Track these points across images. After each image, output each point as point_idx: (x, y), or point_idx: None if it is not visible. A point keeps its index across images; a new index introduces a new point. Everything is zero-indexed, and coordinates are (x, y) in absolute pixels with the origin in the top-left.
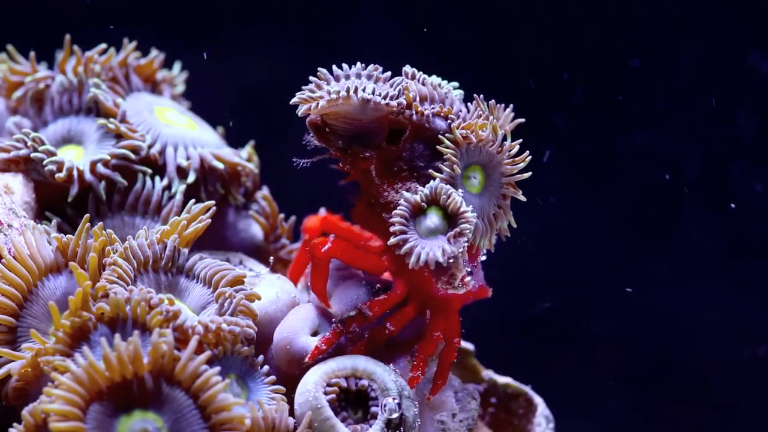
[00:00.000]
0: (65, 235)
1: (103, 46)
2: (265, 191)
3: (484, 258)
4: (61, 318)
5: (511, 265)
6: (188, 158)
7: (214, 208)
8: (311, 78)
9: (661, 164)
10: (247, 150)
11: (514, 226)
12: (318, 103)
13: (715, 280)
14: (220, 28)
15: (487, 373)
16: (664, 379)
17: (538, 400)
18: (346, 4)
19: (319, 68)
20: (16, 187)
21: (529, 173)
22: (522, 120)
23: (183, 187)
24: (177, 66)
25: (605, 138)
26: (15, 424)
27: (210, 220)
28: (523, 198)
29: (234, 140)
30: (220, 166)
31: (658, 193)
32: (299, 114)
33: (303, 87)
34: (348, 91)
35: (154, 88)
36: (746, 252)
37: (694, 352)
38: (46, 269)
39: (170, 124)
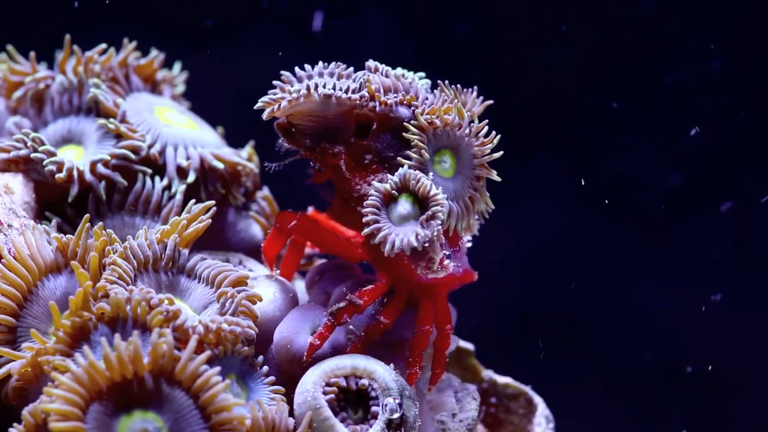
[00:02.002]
0: (65, 235)
1: (103, 46)
2: (265, 191)
3: (469, 244)
4: (61, 318)
5: (512, 265)
6: (188, 158)
7: (215, 208)
8: (275, 82)
9: (662, 164)
10: (247, 150)
11: (492, 207)
12: (280, 105)
13: (716, 281)
14: (221, 28)
15: (487, 373)
16: (664, 379)
17: (538, 400)
18: (346, 3)
19: (282, 72)
20: (16, 187)
21: (501, 152)
22: (490, 102)
23: (183, 187)
24: (177, 66)
25: (604, 136)
26: (15, 424)
27: (210, 220)
28: (497, 178)
29: (234, 140)
30: (220, 166)
31: (659, 193)
32: (264, 118)
33: (268, 91)
34: (308, 89)
35: (154, 88)
36: (747, 252)
37: (694, 352)
38: (46, 269)
39: (170, 124)
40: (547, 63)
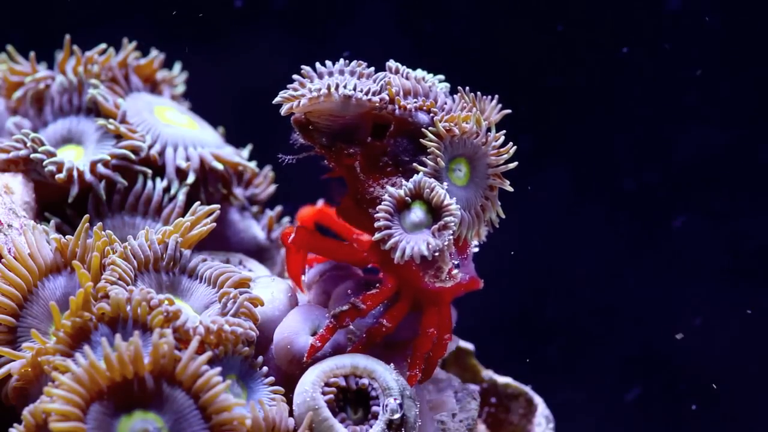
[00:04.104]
0: (64, 235)
1: (103, 46)
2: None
3: (476, 250)
4: (61, 318)
5: (512, 265)
6: (188, 159)
7: (219, 211)
8: (294, 76)
9: (661, 164)
10: (268, 175)
11: (503, 216)
12: (300, 102)
13: (716, 280)
14: (221, 27)
15: (487, 373)
16: (664, 378)
17: (538, 400)
18: (346, 3)
19: (302, 66)
20: (16, 187)
21: (515, 163)
22: (508, 111)
23: (185, 189)
24: (177, 66)
25: (605, 137)
26: (15, 425)
27: (215, 224)
28: (510, 188)
29: (234, 140)
30: (220, 167)
31: (659, 193)
32: (282, 113)
33: (288, 86)
34: (329, 88)
35: (153, 88)
36: (746, 252)
37: (694, 352)
38: (47, 269)
39: (170, 123)
40: (543, 62)
